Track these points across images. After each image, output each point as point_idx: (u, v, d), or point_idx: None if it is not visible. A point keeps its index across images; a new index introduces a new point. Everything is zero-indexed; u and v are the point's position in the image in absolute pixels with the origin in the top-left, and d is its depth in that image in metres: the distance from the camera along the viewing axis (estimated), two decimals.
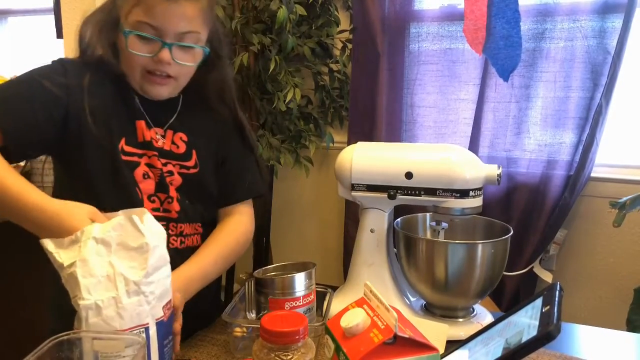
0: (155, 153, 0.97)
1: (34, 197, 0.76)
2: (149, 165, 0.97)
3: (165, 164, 0.99)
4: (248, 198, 1.10)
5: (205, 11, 0.96)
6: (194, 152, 1.03)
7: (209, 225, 1.05)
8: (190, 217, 1.01)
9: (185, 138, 1.03)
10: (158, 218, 0.87)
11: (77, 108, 0.92)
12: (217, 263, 1.00)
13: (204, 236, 1.04)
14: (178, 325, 0.81)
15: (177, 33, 0.93)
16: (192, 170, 1.02)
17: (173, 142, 1.01)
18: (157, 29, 0.91)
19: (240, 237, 1.06)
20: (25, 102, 0.88)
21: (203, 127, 1.06)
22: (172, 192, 0.98)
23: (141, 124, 0.98)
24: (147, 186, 0.96)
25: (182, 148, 1.02)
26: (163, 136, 1.01)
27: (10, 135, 0.85)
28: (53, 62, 0.97)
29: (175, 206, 0.98)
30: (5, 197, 0.77)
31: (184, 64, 0.96)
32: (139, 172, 0.96)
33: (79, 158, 0.93)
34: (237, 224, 1.06)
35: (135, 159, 0.96)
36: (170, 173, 0.99)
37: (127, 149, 0.96)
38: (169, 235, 0.97)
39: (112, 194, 0.91)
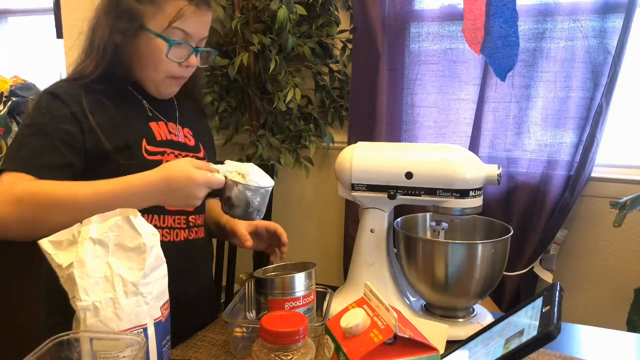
0: (174, 151, 1.02)
1: (130, 181, 0.82)
2: None
3: (185, 157, 1.02)
4: None
5: None
6: (200, 144, 1.10)
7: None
8: (200, 208, 1.06)
9: (190, 132, 1.09)
10: (179, 212, 0.98)
11: (88, 129, 0.93)
12: None
13: (203, 228, 1.09)
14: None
15: (201, 39, 0.99)
16: None
17: (185, 136, 1.07)
18: (188, 34, 0.96)
19: None
20: (50, 149, 0.89)
21: (195, 121, 1.14)
22: None
23: (154, 124, 1.02)
24: None
25: (192, 141, 1.08)
26: (180, 131, 1.07)
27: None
28: (43, 96, 0.96)
29: None
30: (112, 200, 0.81)
31: (202, 67, 1.04)
32: None
33: (106, 172, 0.91)
34: None
35: (158, 157, 0.99)
36: None
37: (151, 148, 0.99)
38: (187, 228, 1.03)
39: None
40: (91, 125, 0.93)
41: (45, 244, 0.68)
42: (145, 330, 0.68)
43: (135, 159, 0.96)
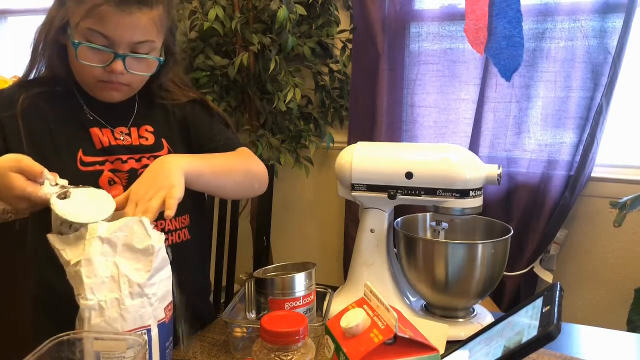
0: (119, 157, 0.95)
1: None
2: (113, 171, 0.95)
3: (139, 159, 0.97)
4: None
5: (161, 18, 0.92)
6: (163, 140, 1.01)
7: (198, 216, 1.04)
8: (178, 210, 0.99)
9: (151, 129, 1.01)
10: None
11: (14, 135, 0.90)
12: (225, 158, 0.98)
13: (192, 228, 1.02)
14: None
15: (130, 43, 0.90)
16: None
17: (140, 136, 0.99)
18: (109, 38, 0.88)
19: (247, 157, 1.03)
20: None
21: (163, 114, 1.05)
22: None
23: (95, 130, 0.96)
24: (115, 192, 0.92)
25: (151, 139, 1.00)
26: (128, 134, 0.99)
27: None
28: None
29: None
30: None
31: (138, 74, 0.93)
32: (104, 179, 0.94)
33: None
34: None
35: (97, 167, 0.94)
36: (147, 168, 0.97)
37: (86, 159, 0.93)
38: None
39: None
40: (17, 130, 0.89)
41: (53, 238, 0.68)
42: (149, 331, 0.68)
43: (68, 170, 0.89)
